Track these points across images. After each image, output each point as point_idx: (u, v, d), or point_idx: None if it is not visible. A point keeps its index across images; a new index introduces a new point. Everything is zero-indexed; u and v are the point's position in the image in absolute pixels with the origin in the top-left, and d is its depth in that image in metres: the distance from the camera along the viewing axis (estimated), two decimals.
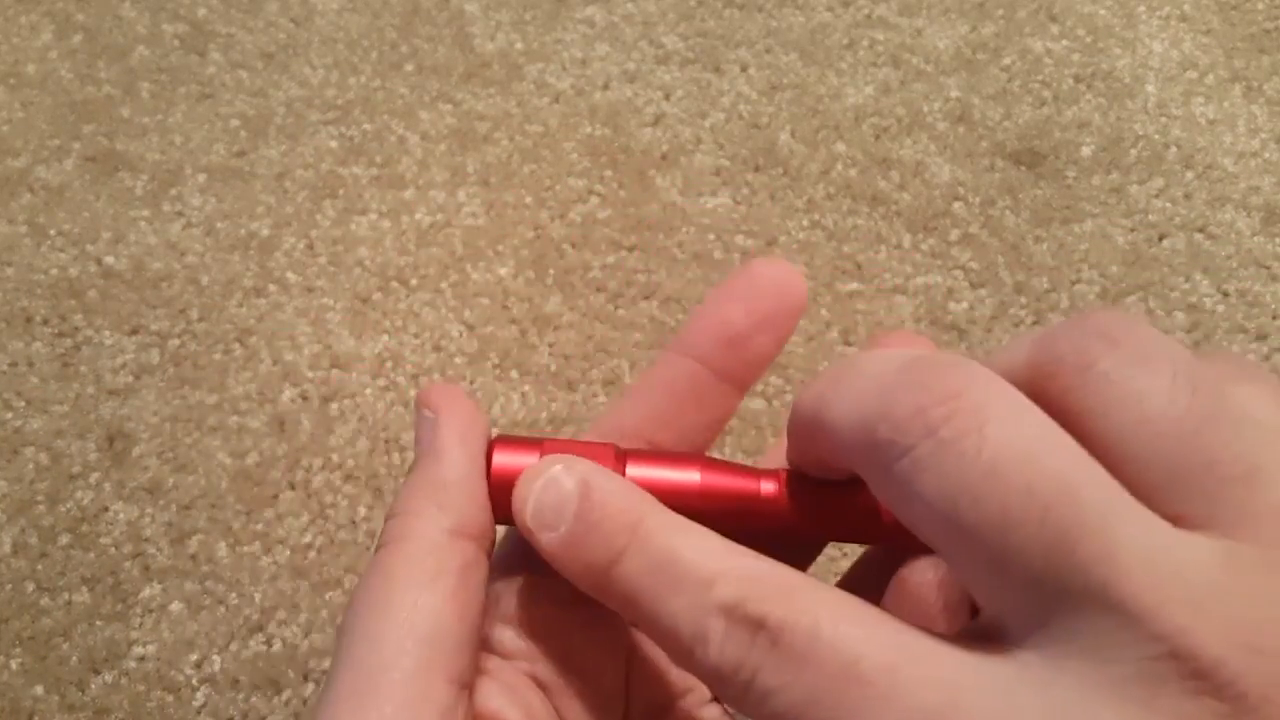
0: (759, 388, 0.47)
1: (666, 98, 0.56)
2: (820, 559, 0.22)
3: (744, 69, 0.57)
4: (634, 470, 0.19)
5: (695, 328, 0.20)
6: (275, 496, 0.44)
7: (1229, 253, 0.51)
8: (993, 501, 0.13)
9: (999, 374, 0.14)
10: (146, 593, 0.42)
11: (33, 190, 0.52)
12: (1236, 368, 0.15)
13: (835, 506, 0.20)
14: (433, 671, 0.17)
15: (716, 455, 0.26)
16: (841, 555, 0.41)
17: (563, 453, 0.19)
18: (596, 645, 0.20)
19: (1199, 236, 0.52)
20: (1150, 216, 0.52)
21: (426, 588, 0.18)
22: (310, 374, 0.46)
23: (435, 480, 0.18)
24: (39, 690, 0.40)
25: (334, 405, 0.46)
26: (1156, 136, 0.55)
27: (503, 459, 0.20)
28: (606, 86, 0.56)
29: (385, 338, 0.48)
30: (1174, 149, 0.54)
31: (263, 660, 0.40)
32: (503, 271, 0.50)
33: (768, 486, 0.20)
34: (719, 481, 0.20)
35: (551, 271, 0.50)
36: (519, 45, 0.58)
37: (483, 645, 0.19)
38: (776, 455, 0.21)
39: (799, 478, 0.20)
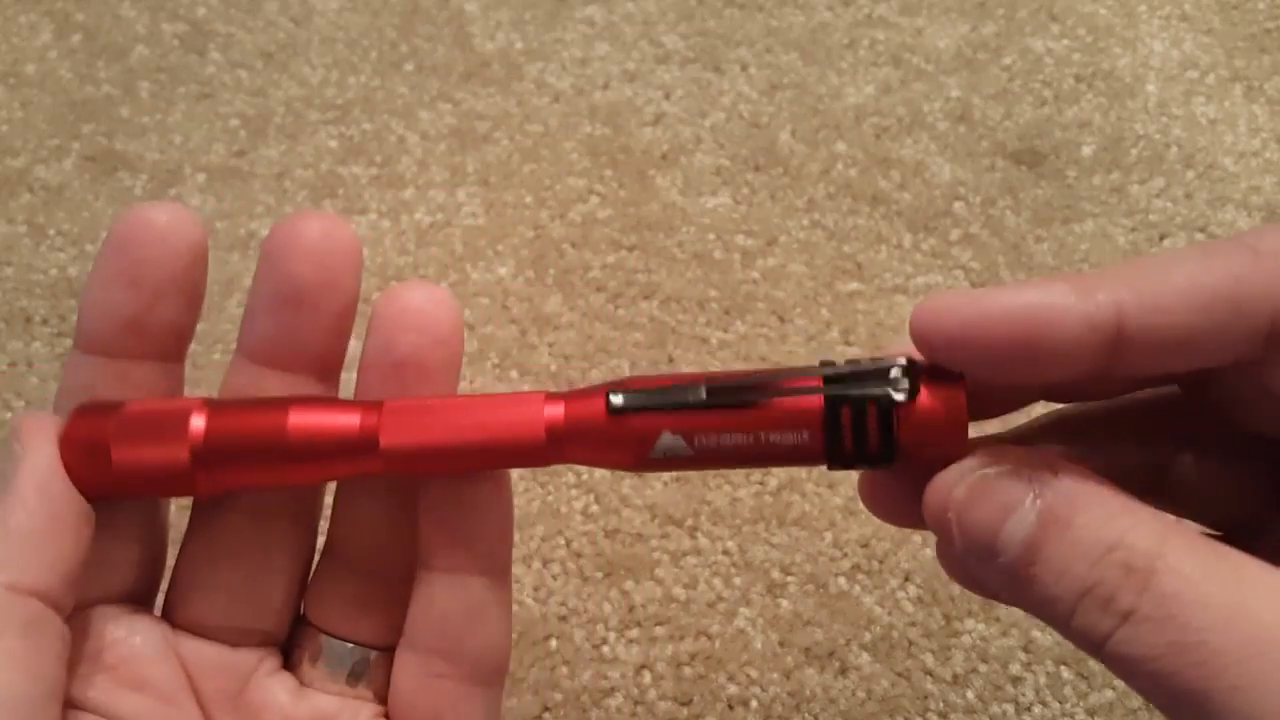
0: None
1: (667, 97, 0.56)
2: None
3: (744, 68, 0.57)
4: (216, 421, 0.19)
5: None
6: None
7: None
8: None
9: None
10: None
11: (32, 190, 0.52)
12: None
13: (445, 426, 0.18)
14: None
15: None
16: None
17: (147, 413, 0.18)
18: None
19: (1200, 236, 0.52)
20: (1151, 216, 0.52)
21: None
22: None
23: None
24: None
25: None
26: (1157, 136, 0.55)
27: (78, 427, 0.18)
28: (606, 86, 0.56)
29: None
30: (1175, 149, 0.54)
31: None
32: (502, 271, 0.49)
33: (367, 419, 0.19)
34: (310, 421, 0.19)
35: (551, 271, 0.49)
36: (519, 45, 0.58)
37: (76, 704, 0.18)
38: None
39: (399, 402, 0.19)
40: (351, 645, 0.21)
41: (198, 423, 0.19)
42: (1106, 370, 0.16)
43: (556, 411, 0.18)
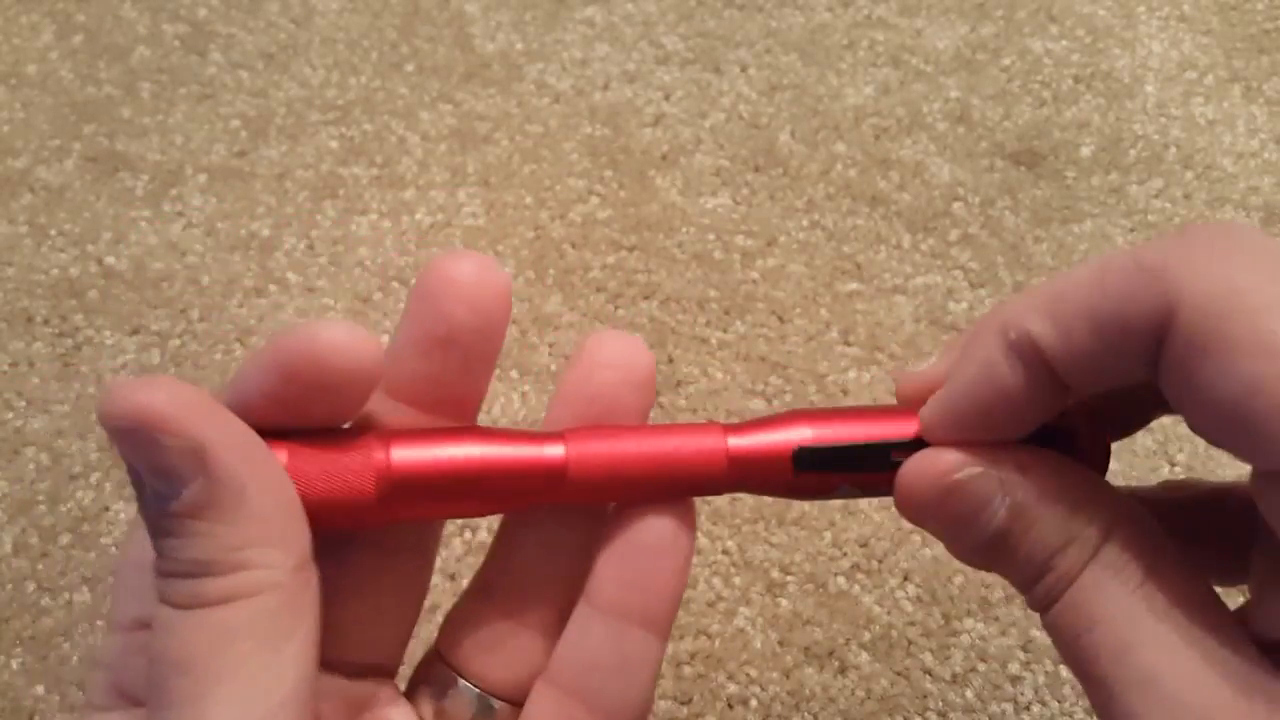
0: (758, 387, 0.47)
1: (666, 98, 0.56)
2: None
3: (744, 69, 0.57)
4: (400, 453, 0.18)
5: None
6: None
7: None
8: None
9: None
10: None
11: (33, 190, 0.52)
12: None
13: (630, 457, 0.19)
14: None
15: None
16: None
17: (314, 457, 0.17)
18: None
19: None
20: (1150, 216, 0.52)
21: (292, 645, 0.16)
22: None
23: (253, 515, 0.16)
24: (40, 690, 0.40)
25: None
26: (1156, 137, 0.55)
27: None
28: (606, 87, 0.56)
29: (386, 338, 0.48)
30: (1173, 149, 0.55)
31: None
32: None
33: (552, 450, 0.19)
34: (499, 455, 0.18)
35: (551, 271, 0.50)
36: (519, 46, 0.58)
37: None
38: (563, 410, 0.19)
39: (584, 432, 0.19)
40: (480, 692, 0.20)
41: (380, 455, 0.18)
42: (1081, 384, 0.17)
43: (740, 445, 0.19)
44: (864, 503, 0.44)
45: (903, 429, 0.19)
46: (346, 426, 0.19)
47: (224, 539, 0.16)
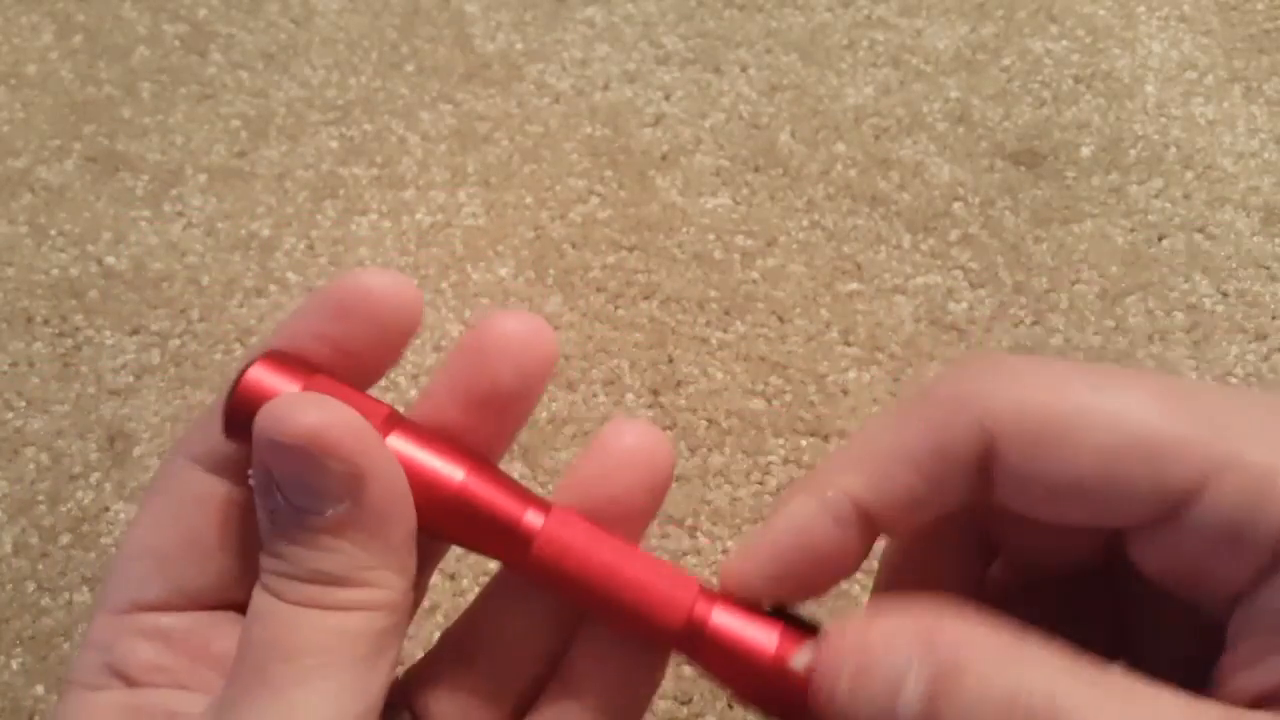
0: (758, 387, 0.47)
1: (667, 98, 0.56)
2: None
3: (744, 69, 0.57)
4: (396, 442, 0.18)
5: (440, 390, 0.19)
6: None
7: (1228, 253, 0.51)
8: None
9: None
10: None
11: (33, 190, 0.52)
12: None
13: (595, 561, 0.18)
14: None
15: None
16: None
17: (329, 392, 0.17)
18: None
19: (1198, 237, 0.52)
20: (1150, 217, 0.52)
21: (386, 658, 0.17)
22: None
23: (388, 544, 0.17)
24: (39, 690, 0.40)
25: None
26: (1156, 137, 0.55)
27: (259, 377, 0.18)
28: (607, 87, 0.56)
29: None
30: (1173, 149, 0.55)
31: None
32: (503, 272, 0.50)
33: (532, 518, 0.18)
34: (481, 491, 0.18)
35: (552, 272, 0.50)
36: (519, 46, 0.58)
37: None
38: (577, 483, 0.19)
39: (570, 518, 0.18)
40: None
41: (380, 429, 0.18)
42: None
43: (705, 606, 0.18)
44: None
45: None
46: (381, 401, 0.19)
47: (356, 559, 0.17)
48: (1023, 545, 0.19)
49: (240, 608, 0.18)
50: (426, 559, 0.21)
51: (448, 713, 0.20)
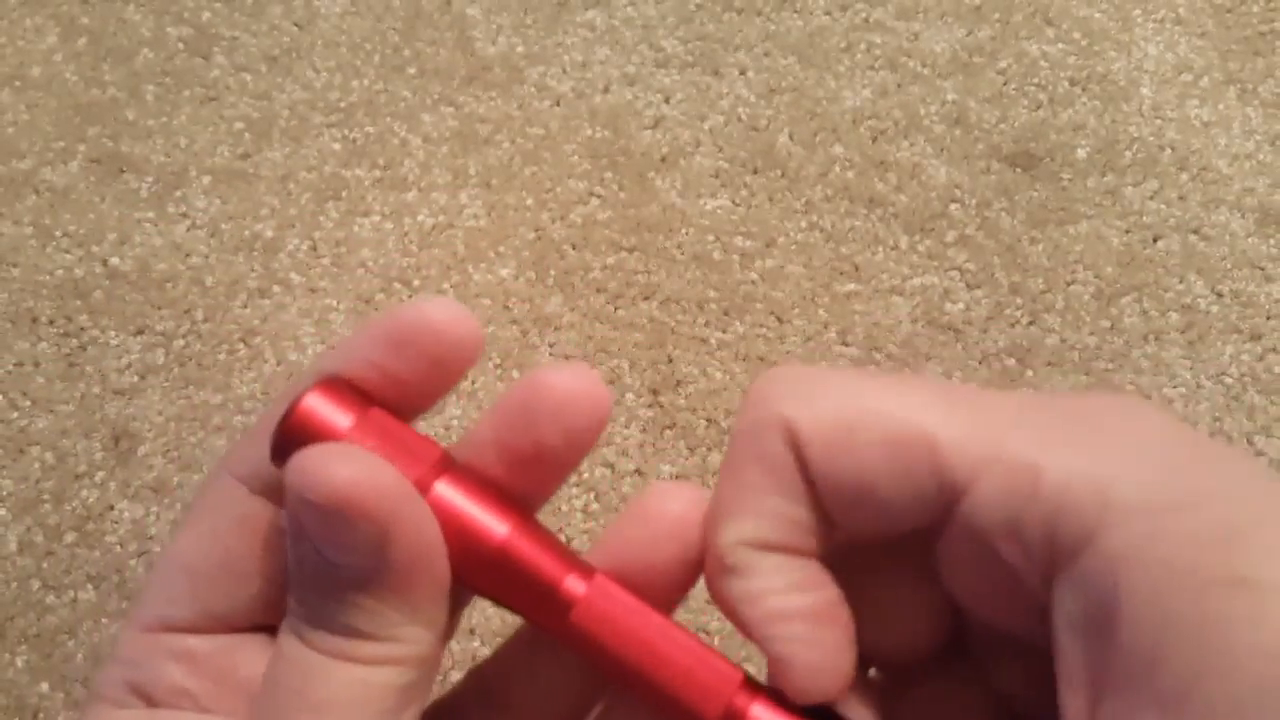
0: None
1: (666, 101, 0.56)
2: None
3: (743, 72, 0.58)
4: (443, 489, 0.17)
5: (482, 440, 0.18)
6: None
7: (1223, 254, 0.52)
8: None
9: None
10: None
11: (38, 192, 0.52)
12: None
13: (635, 638, 0.17)
14: None
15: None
16: None
17: (380, 436, 0.17)
18: None
19: (1193, 238, 0.52)
20: (1145, 218, 0.53)
21: (412, 710, 0.17)
22: None
23: (415, 602, 0.17)
24: (44, 687, 0.40)
25: None
26: (1151, 139, 0.55)
27: (313, 407, 0.17)
28: (607, 89, 0.57)
29: None
30: (1169, 151, 0.55)
31: None
32: (504, 272, 0.50)
33: (573, 584, 0.17)
34: (524, 550, 0.17)
35: (552, 272, 0.50)
36: (520, 49, 0.58)
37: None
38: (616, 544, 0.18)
39: (612, 589, 0.17)
40: None
41: (427, 475, 0.17)
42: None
43: (744, 700, 0.17)
44: None
45: None
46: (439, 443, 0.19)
47: (383, 616, 0.16)
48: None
49: (270, 630, 0.18)
50: (459, 602, 0.20)
51: None
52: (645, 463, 0.45)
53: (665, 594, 0.18)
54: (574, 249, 0.51)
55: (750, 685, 0.17)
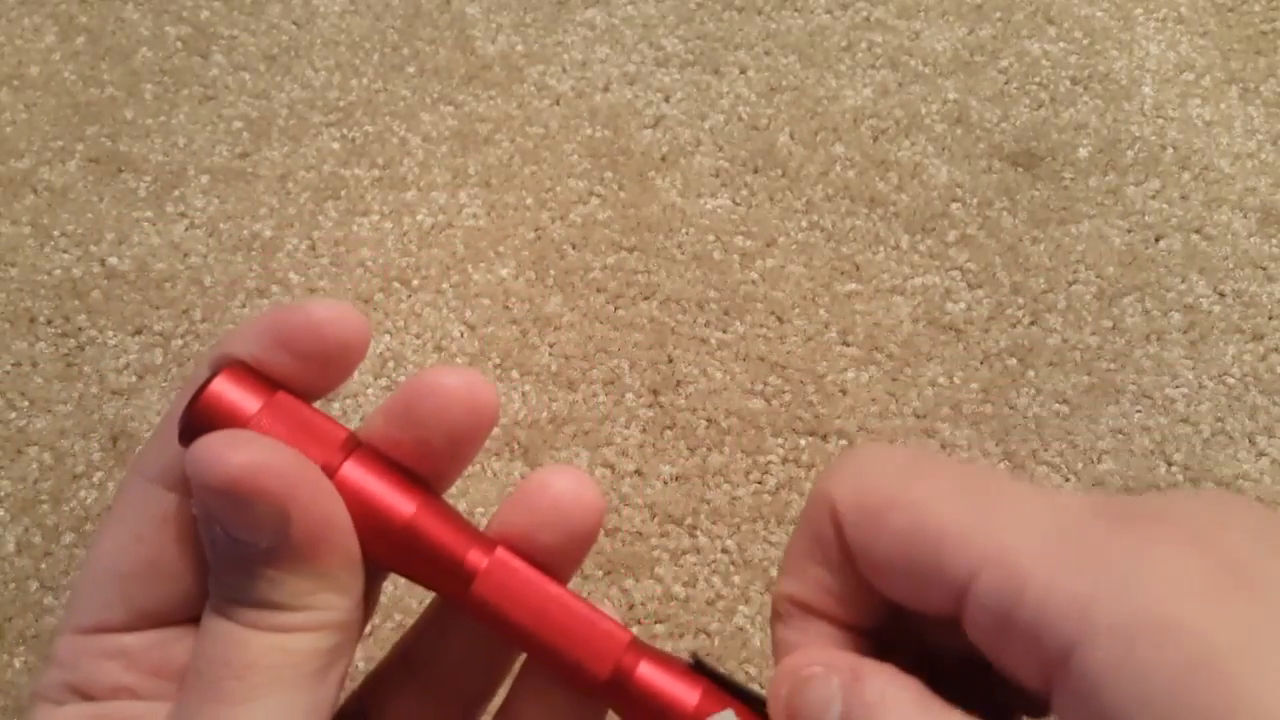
0: (757, 387, 0.47)
1: (666, 100, 0.56)
2: None
3: (743, 71, 0.57)
4: (351, 470, 0.18)
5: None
6: None
7: (1225, 253, 0.52)
8: None
9: None
10: None
11: (36, 191, 0.52)
12: None
13: (531, 606, 0.18)
14: None
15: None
16: None
17: (286, 420, 0.18)
18: None
19: (1195, 237, 0.52)
20: (1147, 217, 0.53)
21: (335, 672, 0.18)
22: None
23: (323, 572, 0.17)
24: None
25: (336, 405, 0.46)
26: (1153, 138, 0.55)
27: (220, 392, 0.18)
28: (607, 89, 0.56)
29: (387, 338, 0.48)
30: (1170, 150, 0.55)
31: None
32: (504, 272, 0.50)
33: (475, 558, 0.18)
34: (430, 526, 0.18)
35: (552, 272, 0.50)
36: (520, 48, 0.58)
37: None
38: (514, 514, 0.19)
39: (512, 562, 0.18)
40: None
41: (336, 458, 0.18)
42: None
43: (630, 660, 0.18)
44: None
45: None
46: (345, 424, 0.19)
47: (293, 586, 0.17)
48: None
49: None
50: (378, 573, 0.21)
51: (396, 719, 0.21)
52: (645, 463, 0.45)
53: (554, 571, 0.19)
54: (574, 249, 0.51)
55: (638, 646, 0.19)
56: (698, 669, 0.19)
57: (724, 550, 0.43)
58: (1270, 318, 0.50)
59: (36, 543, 0.43)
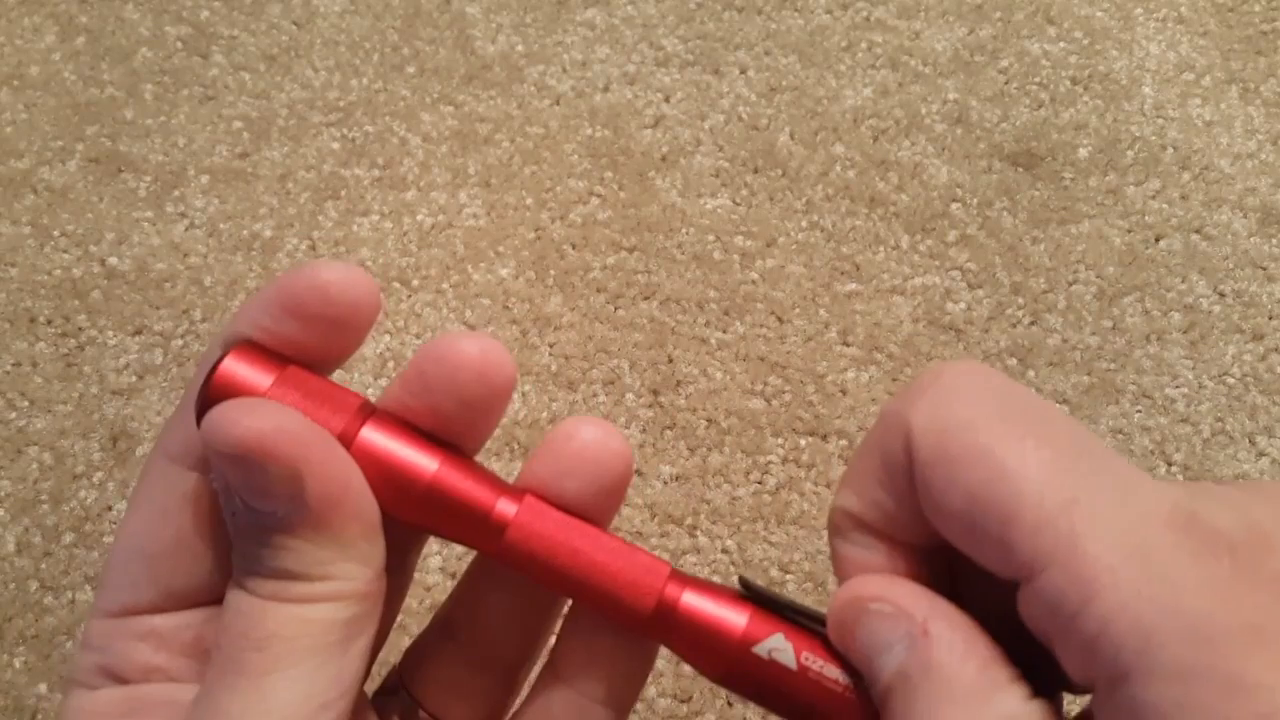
0: (758, 387, 0.47)
1: (666, 100, 0.56)
2: None
3: (743, 71, 0.57)
4: (369, 434, 0.18)
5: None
6: None
7: (1225, 253, 0.52)
8: None
9: None
10: None
11: (36, 191, 0.52)
12: None
13: (567, 548, 0.18)
14: None
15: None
16: None
17: (300, 390, 0.18)
18: None
19: (1195, 237, 0.52)
20: (1147, 217, 0.53)
21: (359, 644, 0.17)
22: None
23: (339, 539, 0.17)
24: (42, 688, 0.40)
25: None
26: (1153, 138, 0.55)
27: (231, 370, 0.18)
28: (607, 89, 0.56)
29: (387, 338, 0.48)
30: (1171, 150, 0.55)
31: None
32: (504, 272, 0.50)
33: (505, 507, 0.18)
34: (454, 481, 0.18)
35: (552, 272, 0.50)
36: (520, 48, 0.58)
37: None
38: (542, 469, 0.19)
39: (542, 508, 0.18)
40: None
41: (353, 424, 0.18)
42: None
43: (675, 589, 0.18)
44: None
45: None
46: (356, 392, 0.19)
47: (311, 555, 0.17)
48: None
49: None
50: (409, 544, 0.21)
51: (438, 689, 0.21)
52: (645, 463, 0.45)
53: (592, 518, 0.19)
54: (574, 248, 0.51)
55: (680, 576, 0.18)
56: (746, 593, 0.18)
57: (724, 550, 0.43)
58: (1270, 318, 0.50)
59: (36, 543, 0.43)
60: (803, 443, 0.46)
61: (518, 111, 0.55)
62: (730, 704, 0.40)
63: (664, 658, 0.40)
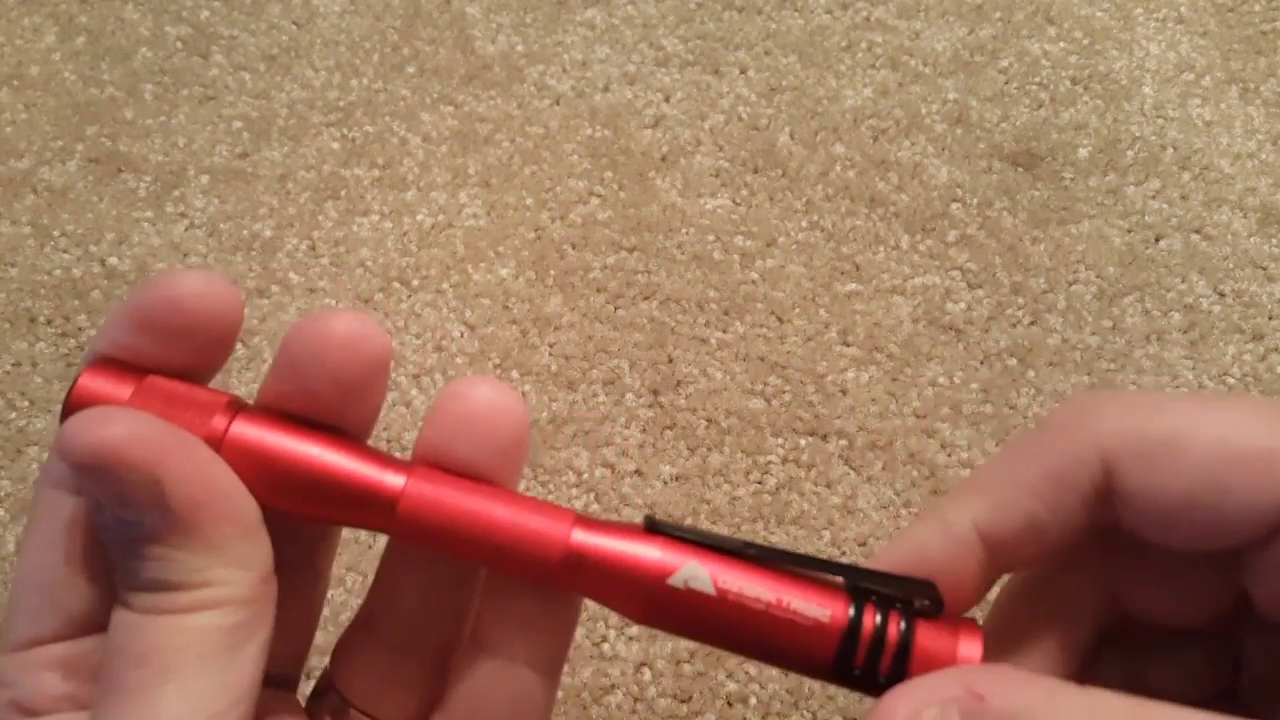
0: (758, 387, 0.47)
1: (666, 100, 0.56)
2: None
3: (743, 71, 0.57)
4: (240, 429, 0.17)
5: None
6: None
7: (1225, 254, 0.52)
8: None
9: None
10: None
11: (36, 191, 0.52)
12: None
13: (462, 511, 0.17)
14: None
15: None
16: None
17: (160, 398, 0.17)
18: None
19: (1195, 237, 0.52)
20: (1147, 217, 0.53)
21: (249, 649, 0.17)
22: None
23: (211, 543, 0.17)
24: None
25: None
26: (1153, 138, 0.55)
27: (89, 388, 0.17)
28: (607, 89, 0.56)
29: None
30: (1171, 150, 0.55)
31: None
32: (504, 272, 0.50)
33: (393, 480, 0.18)
34: (337, 462, 0.18)
35: (552, 272, 0.50)
36: (520, 48, 0.58)
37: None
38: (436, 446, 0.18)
39: (432, 474, 0.18)
40: None
41: (220, 422, 0.18)
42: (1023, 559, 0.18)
43: (582, 534, 0.18)
44: (863, 502, 0.44)
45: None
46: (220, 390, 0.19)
47: (185, 563, 0.17)
48: (1144, 594, 0.19)
49: None
50: (315, 540, 0.21)
51: (366, 683, 0.20)
52: (645, 463, 0.45)
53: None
54: (574, 249, 0.51)
55: (585, 521, 0.18)
56: (652, 529, 0.18)
57: None
58: (1270, 318, 0.50)
59: None
60: (803, 443, 0.46)
61: (518, 111, 0.55)
62: (730, 704, 0.40)
63: (664, 657, 0.40)
